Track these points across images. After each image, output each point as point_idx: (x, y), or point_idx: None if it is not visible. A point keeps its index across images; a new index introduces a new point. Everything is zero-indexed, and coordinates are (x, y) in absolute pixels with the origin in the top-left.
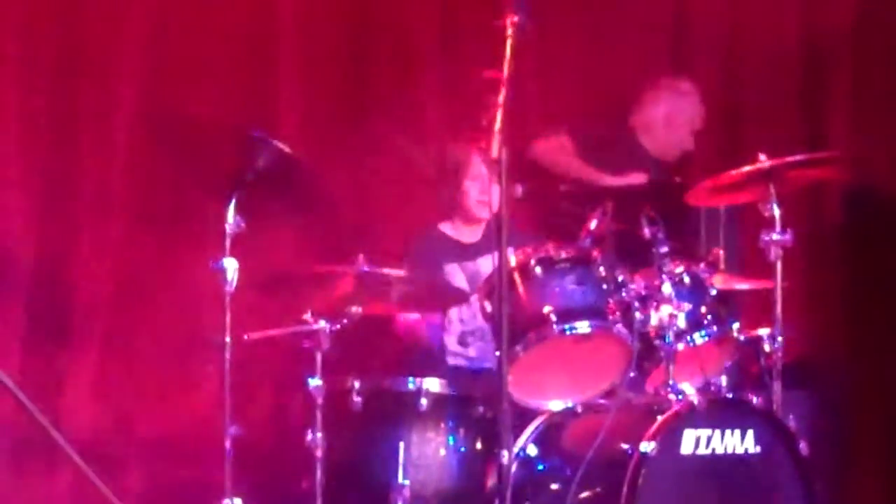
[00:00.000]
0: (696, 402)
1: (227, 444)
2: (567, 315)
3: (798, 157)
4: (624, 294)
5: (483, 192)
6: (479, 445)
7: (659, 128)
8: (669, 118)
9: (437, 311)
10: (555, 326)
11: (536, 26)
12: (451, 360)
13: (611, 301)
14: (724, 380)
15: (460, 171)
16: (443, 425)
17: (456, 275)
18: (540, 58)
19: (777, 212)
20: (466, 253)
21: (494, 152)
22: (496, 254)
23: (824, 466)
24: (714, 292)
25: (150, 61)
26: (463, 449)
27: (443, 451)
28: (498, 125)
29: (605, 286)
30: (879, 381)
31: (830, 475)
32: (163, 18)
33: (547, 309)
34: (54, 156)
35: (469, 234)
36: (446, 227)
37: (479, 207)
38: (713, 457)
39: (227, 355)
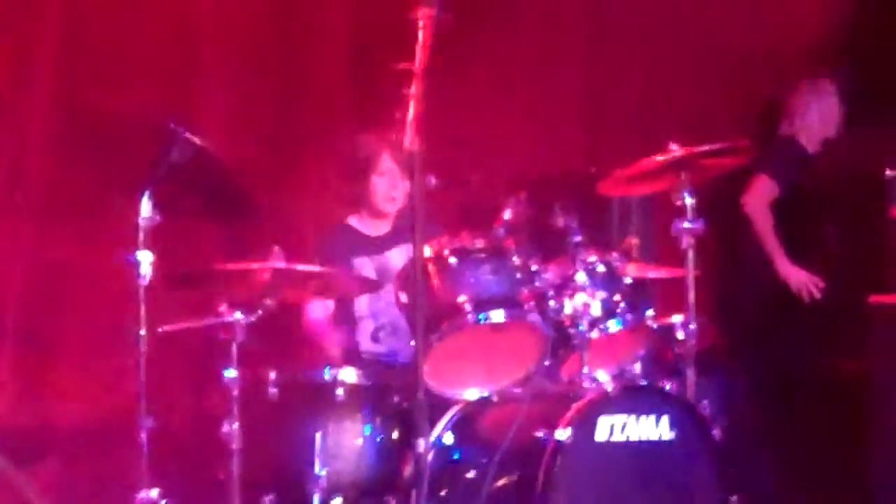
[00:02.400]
0: (610, 389)
1: (143, 436)
2: (482, 304)
3: (709, 147)
4: (538, 283)
5: (391, 187)
6: (395, 435)
7: (816, 128)
8: (824, 118)
9: (350, 299)
10: (470, 316)
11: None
12: (364, 355)
13: (525, 290)
14: (637, 367)
15: (369, 165)
16: (359, 415)
17: (365, 268)
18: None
19: (689, 200)
20: (375, 246)
21: (408, 144)
22: (409, 245)
23: (737, 451)
24: (628, 281)
25: (66, 53)
26: (379, 438)
27: (359, 441)
28: (411, 117)
29: (519, 275)
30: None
31: (742, 459)
32: (80, 10)
33: (462, 299)
34: None
35: (376, 227)
36: (353, 221)
37: (386, 202)
38: (628, 443)
39: (143, 348)
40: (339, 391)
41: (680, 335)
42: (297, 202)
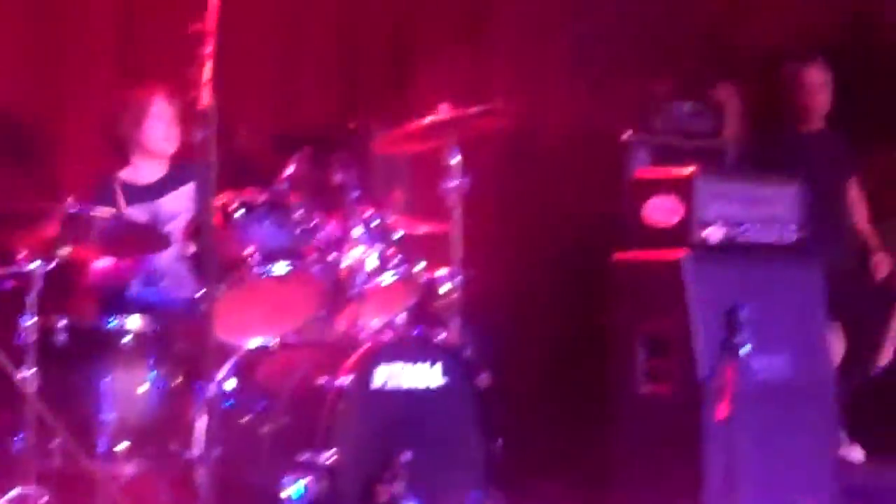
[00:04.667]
0: (386, 338)
1: None
2: (267, 257)
3: (477, 109)
4: (319, 237)
5: (168, 128)
6: (178, 380)
7: None
8: None
9: (140, 254)
10: (255, 268)
11: None
12: (135, 299)
13: (307, 243)
14: (408, 317)
15: (141, 113)
16: (144, 362)
17: (138, 217)
18: None
19: (456, 159)
20: (147, 193)
21: (205, 102)
22: (183, 191)
23: (501, 396)
24: (399, 235)
25: None
26: (163, 384)
27: (145, 387)
28: (206, 76)
29: (301, 229)
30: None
31: (507, 404)
32: None
33: (247, 251)
34: None
35: (149, 174)
36: (125, 173)
37: (163, 143)
38: (404, 390)
39: None
40: (126, 338)
41: (446, 287)
42: (86, 152)
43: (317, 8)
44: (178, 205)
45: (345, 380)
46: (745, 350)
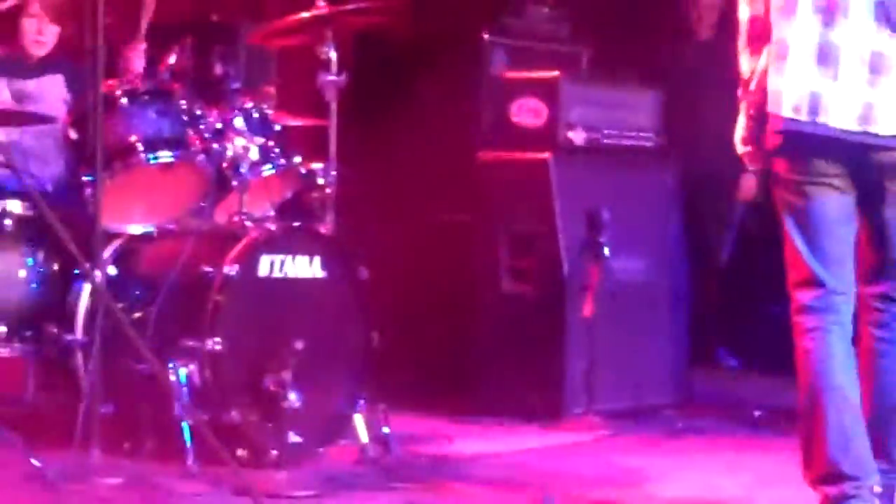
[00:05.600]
0: (271, 228)
1: None
2: (151, 145)
3: (354, 5)
4: (202, 126)
5: (38, 32)
6: (56, 266)
7: None
8: None
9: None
10: (141, 155)
11: None
12: None
13: (191, 132)
14: (285, 209)
15: (19, 9)
16: (23, 247)
17: (1, 91)
18: None
19: (333, 55)
20: (20, 70)
21: None
22: (59, 77)
23: (380, 292)
24: (278, 128)
25: None
26: (42, 269)
27: (23, 272)
28: None
29: (185, 118)
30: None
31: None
32: None
33: (133, 138)
34: None
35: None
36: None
37: (34, 46)
38: (287, 280)
39: None
40: (7, 222)
41: (322, 181)
42: None
43: None
44: (45, 90)
45: (230, 268)
46: (606, 250)
